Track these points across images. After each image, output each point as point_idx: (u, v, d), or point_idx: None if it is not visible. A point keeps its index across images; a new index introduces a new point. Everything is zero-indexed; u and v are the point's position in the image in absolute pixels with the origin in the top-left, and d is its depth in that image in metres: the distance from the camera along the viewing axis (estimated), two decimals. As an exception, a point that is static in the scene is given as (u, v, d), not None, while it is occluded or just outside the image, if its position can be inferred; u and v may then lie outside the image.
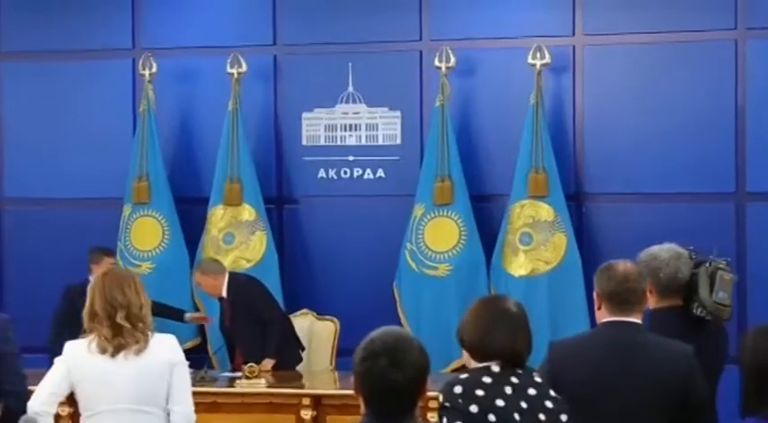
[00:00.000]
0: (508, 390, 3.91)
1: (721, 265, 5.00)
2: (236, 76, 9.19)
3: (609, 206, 9.00)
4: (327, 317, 8.93)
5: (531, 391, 3.95)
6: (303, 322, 8.87)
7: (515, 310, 4.05)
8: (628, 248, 8.31)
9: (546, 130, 8.78)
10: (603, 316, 4.51)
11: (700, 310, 4.91)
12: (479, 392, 3.86)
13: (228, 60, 9.20)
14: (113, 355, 4.76)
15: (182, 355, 4.90)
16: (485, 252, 8.83)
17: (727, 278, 4.95)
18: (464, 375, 3.95)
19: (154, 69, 9.35)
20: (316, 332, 8.90)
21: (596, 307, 4.55)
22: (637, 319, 4.48)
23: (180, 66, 9.59)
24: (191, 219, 9.35)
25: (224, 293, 8.59)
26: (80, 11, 9.70)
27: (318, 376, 8.61)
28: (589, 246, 8.87)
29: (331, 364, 8.77)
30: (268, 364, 8.34)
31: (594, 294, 4.57)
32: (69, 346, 4.93)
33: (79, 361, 4.83)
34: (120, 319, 4.74)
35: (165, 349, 4.85)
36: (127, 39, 9.70)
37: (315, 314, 8.97)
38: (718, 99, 8.77)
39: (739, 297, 8.50)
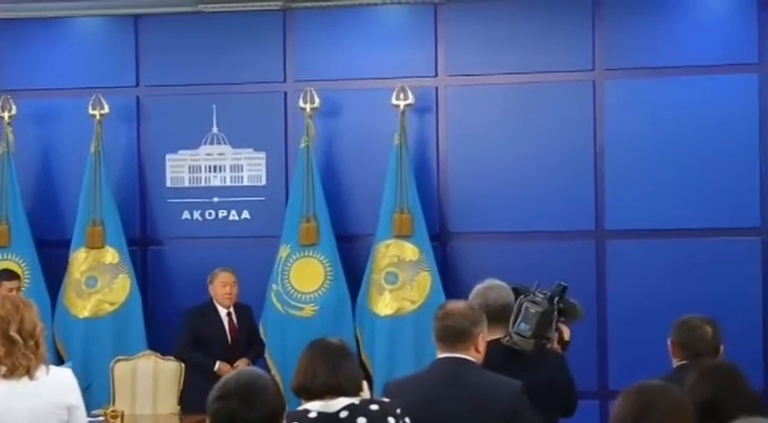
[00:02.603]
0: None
1: (537, 299, 5.05)
2: (98, 117, 9.09)
3: (472, 245, 9.09)
4: (172, 358, 8.76)
5: None
6: (146, 363, 8.68)
7: (335, 344, 4.17)
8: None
9: (410, 170, 8.85)
10: (437, 353, 4.58)
11: (506, 339, 4.98)
12: None
13: (90, 102, 9.11)
14: (6, 376, 4.52)
15: (80, 398, 4.69)
16: (350, 292, 8.84)
17: (533, 311, 4.99)
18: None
19: (13, 111, 9.21)
20: (161, 373, 8.70)
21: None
22: (467, 355, 4.52)
23: (41, 107, 9.46)
24: (52, 262, 9.19)
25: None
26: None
27: (163, 420, 8.44)
28: (453, 284, 8.92)
29: (178, 405, 8.60)
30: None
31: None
32: None
33: None
34: (12, 331, 4.53)
35: (63, 388, 4.62)
36: (-15, 80, 9.57)
37: (158, 355, 8.77)
38: (577, 139, 8.94)
39: (599, 332, 8.68)
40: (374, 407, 4.08)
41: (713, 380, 3.98)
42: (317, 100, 8.96)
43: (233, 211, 9.33)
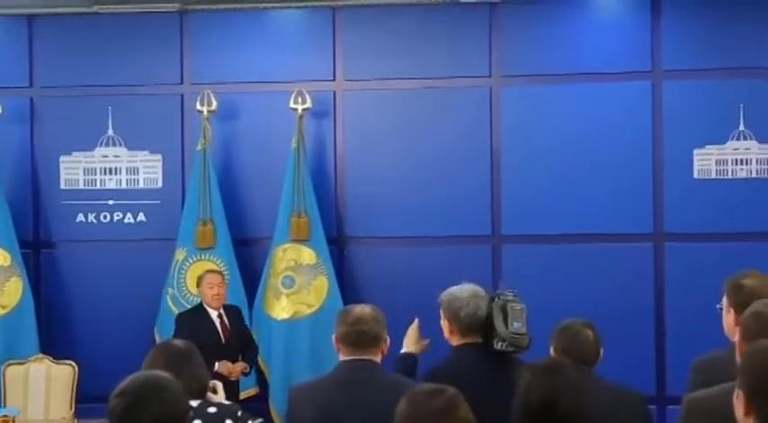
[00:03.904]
0: None
1: (510, 297, 5.13)
2: (-10, 118, 8.97)
3: (370, 249, 9.12)
4: (65, 361, 8.66)
5: None
6: (39, 367, 8.55)
7: (178, 347, 4.21)
8: (388, 290, 8.57)
9: (308, 174, 8.85)
10: (342, 357, 4.62)
11: (500, 344, 5.02)
12: None
13: (-17, 103, 8.98)
14: None
15: None
16: (247, 295, 8.81)
17: (518, 308, 5.08)
18: None
19: None
20: (53, 377, 8.59)
21: (336, 349, 4.65)
22: (372, 357, 4.58)
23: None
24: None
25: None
26: None
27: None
28: (351, 288, 8.95)
29: (71, 409, 8.47)
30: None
31: (333, 338, 4.66)
32: None
33: None
34: None
35: None
36: None
37: (51, 359, 8.66)
38: (474, 144, 9.00)
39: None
40: (212, 409, 4.10)
41: (548, 378, 4.02)
42: (214, 103, 8.92)
43: (128, 214, 9.24)
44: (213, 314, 8.37)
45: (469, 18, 9.05)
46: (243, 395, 8.37)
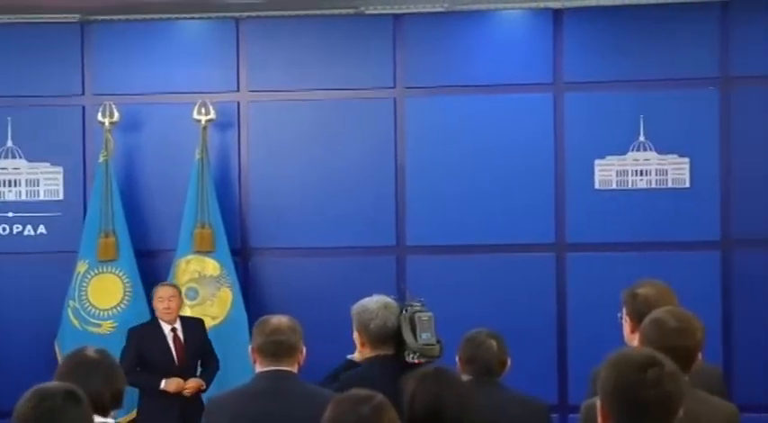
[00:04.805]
0: None
1: (417, 307, 5.14)
2: None
3: (274, 261, 9.09)
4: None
5: None
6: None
7: (89, 357, 4.13)
8: (293, 302, 8.55)
9: (211, 185, 8.80)
10: (258, 368, 4.63)
11: (411, 356, 5.03)
12: None
13: None
14: None
15: None
16: (150, 308, 8.72)
17: (425, 318, 5.09)
18: None
19: None
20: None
21: (252, 360, 4.65)
22: (290, 368, 4.59)
23: None
24: None
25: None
26: None
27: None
28: (255, 300, 8.92)
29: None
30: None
31: (250, 349, 4.65)
32: None
33: None
34: None
35: None
36: None
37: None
38: (379, 155, 9.02)
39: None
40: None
41: (432, 386, 4.05)
42: (116, 114, 8.84)
43: (29, 227, 9.11)
44: (166, 329, 8.24)
45: (374, 29, 9.07)
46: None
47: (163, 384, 8.01)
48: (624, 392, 3.00)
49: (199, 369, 8.23)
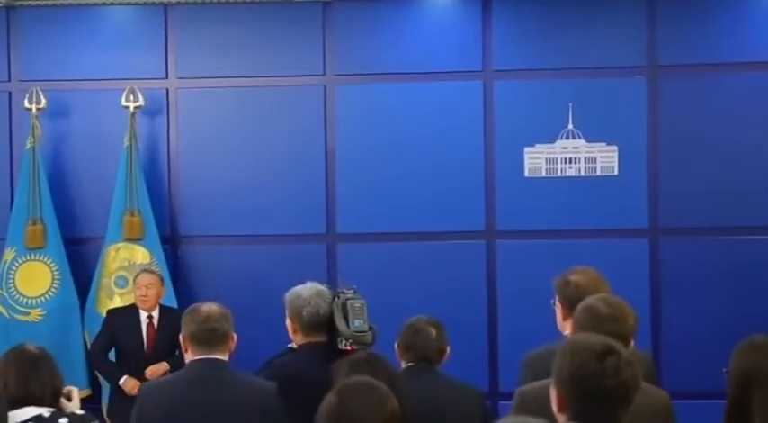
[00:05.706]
0: None
1: (349, 295, 5.15)
2: None
3: (204, 248, 9.06)
4: None
5: None
6: None
7: (31, 352, 4.13)
8: (223, 290, 8.52)
9: (140, 172, 8.74)
10: (190, 356, 4.63)
11: (344, 343, 5.04)
12: None
13: None
14: None
15: None
16: (79, 296, 8.67)
17: (357, 305, 5.12)
18: None
19: None
20: None
21: (183, 349, 4.66)
22: (222, 356, 4.61)
23: None
24: None
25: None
26: None
27: None
28: (185, 288, 8.88)
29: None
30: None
31: (180, 337, 4.65)
32: None
33: None
34: None
35: None
36: None
37: None
38: (308, 143, 9.01)
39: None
40: (64, 420, 4.02)
41: (362, 372, 4.08)
42: (43, 100, 8.76)
43: (-46, 214, 9.01)
44: (143, 315, 8.24)
45: (303, 16, 9.05)
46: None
47: (122, 381, 8.07)
48: (583, 381, 3.01)
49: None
